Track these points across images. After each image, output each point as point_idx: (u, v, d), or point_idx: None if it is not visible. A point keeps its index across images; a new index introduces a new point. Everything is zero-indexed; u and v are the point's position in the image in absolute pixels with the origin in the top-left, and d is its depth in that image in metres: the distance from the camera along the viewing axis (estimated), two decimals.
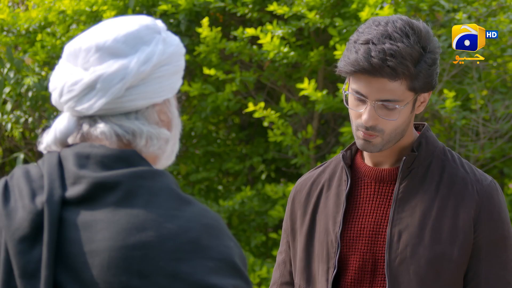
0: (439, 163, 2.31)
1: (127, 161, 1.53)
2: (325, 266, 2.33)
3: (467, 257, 2.25)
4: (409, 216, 2.27)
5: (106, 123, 1.56)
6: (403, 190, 2.29)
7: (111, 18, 1.66)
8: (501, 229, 2.27)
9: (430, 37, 2.23)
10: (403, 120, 2.24)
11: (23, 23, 5.91)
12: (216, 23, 5.74)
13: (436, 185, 2.28)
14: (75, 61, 1.58)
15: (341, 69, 2.23)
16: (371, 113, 2.21)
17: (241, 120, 6.17)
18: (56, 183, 1.51)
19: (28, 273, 1.47)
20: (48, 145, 1.60)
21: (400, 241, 2.26)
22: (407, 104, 2.22)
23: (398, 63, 2.16)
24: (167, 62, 1.59)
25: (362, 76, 2.20)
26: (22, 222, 1.49)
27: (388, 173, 2.32)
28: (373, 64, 2.16)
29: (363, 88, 2.20)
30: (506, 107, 5.51)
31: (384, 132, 2.24)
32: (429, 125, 2.37)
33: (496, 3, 5.40)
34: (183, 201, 1.51)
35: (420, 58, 2.19)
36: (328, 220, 2.35)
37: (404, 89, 2.20)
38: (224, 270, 1.48)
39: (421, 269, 2.24)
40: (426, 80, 2.21)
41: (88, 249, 1.46)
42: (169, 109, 1.62)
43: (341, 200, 2.35)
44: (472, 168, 2.32)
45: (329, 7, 5.25)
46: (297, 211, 2.43)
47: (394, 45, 2.16)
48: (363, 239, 2.31)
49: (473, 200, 2.26)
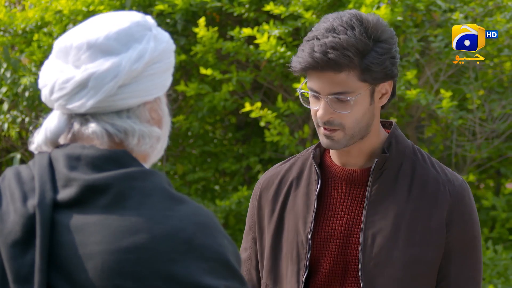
0: (410, 163, 2.29)
1: (118, 161, 1.52)
2: (295, 267, 2.31)
3: (440, 258, 2.25)
4: (382, 219, 2.25)
5: (98, 122, 1.55)
6: (375, 192, 2.27)
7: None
8: (472, 230, 2.27)
9: (381, 28, 2.22)
10: (362, 112, 2.23)
11: (20, 23, 5.91)
12: (213, 23, 5.74)
13: (408, 186, 2.27)
14: (66, 58, 1.56)
15: (292, 68, 2.26)
16: (325, 108, 2.21)
17: (237, 120, 6.17)
18: (47, 186, 1.50)
19: (22, 278, 1.46)
20: (39, 145, 1.58)
21: (374, 245, 2.24)
22: (359, 95, 2.20)
23: (339, 54, 2.17)
24: (159, 59, 1.58)
25: (312, 72, 2.21)
26: (14, 226, 1.48)
27: (359, 174, 2.30)
28: (315, 59, 2.18)
29: (315, 84, 2.22)
30: (503, 107, 5.51)
31: (345, 126, 2.22)
32: (396, 123, 2.36)
33: (493, 3, 5.40)
34: (175, 201, 1.50)
35: (368, 48, 2.19)
36: (298, 220, 2.32)
37: (354, 80, 2.20)
38: (218, 270, 1.48)
39: (396, 272, 2.22)
40: (379, 69, 2.20)
41: (81, 253, 1.45)
42: (160, 107, 1.61)
43: (311, 200, 2.32)
44: (442, 167, 2.31)
45: (325, 7, 5.25)
46: (265, 208, 2.40)
47: (336, 38, 2.18)
48: (334, 241, 2.28)
49: (446, 201, 2.25)
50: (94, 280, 1.44)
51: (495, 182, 6.26)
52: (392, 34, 2.24)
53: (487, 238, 5.78)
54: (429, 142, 5.96)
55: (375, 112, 2.27)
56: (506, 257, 5.31)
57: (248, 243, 2.45)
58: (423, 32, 5.32)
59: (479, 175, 6.08)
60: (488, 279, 5.25)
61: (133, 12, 1.62)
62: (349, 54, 2.17)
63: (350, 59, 2.17)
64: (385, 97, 2.27)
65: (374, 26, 2.21)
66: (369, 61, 2.19)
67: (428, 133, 6.00)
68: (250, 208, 2.44)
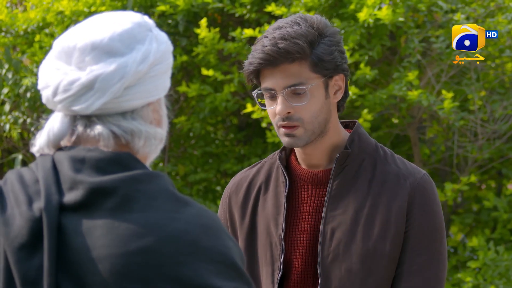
0: (371, 160, 2.32)
1: (122, 164, 1.52)
2: (269, 268, 2.33)
3: (399, 251, 2.26)
4: (341, 214, 2.28)
5: (104, 123, 1.54)
6: (336, 187, 2.29)
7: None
8: (432, 222, 2.28)
9: (325, 24, 2.29)
10: (319, 106, 2.26)
11: (21, 23, 5.92)
12: (214, 23, 5.74)
13: (369, 182, 2.29)
14: (69, 60, 1.55)
15: (245, 73, 2.29)
16: (283, 102, 2.25)
17: (239, 121, 6.17)
18: (52, 189, 1.49)
19: (30, 282, 1.46)
20: (41, 148, 1.57)
21: (333, 239, 2.27)
22: (313, 84, 2.24)
23: (289, 43, 2.22)
24: (161, 60, 1.58)
25: (265, 70, 2.26)
26: (21, 229, 1.47)
27: (323, 174, 2.33)
28: (267, 52, 2.23)
29: (269, 82, 2.26)
30: (504, 107, 5.51)
31: (304, 120, 2.25)
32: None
33: (494, 3, 5.40)
34: (180, 203, 1.50)
35: (317, 40, 2.25)
36: (269, 222, 2.35)
37: (307, 71, 2.25)
38: (225, 272, 1.48)
39: (353, 266, 2.25)
40: (329, 59, 2.25)
41: (89, 256, 1.45)
42: (161, 107, 1.62)
43: (280, 202, 2.35)
44: (404, 162, 2.34)
45: (327, 8, 5.25)
46: (235, 212, 2.42)
47: (284, 30, 2.24)
48: (303, 241, 2.31)
49: (406, 193, 2.27)
50: (103, 283, 1.44)
51: (497, 183, 6.26)
52: (337, 31, 2.31)
53: (489, 239, 5.78)
54: (430, 143, 5.96)
55: (331, 108, 2.31)
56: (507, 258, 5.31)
57: None
58: (424, 33, 5.32)
59: (481, 176, 6.07)
60: (489, 280, 5.25)
61: (132, 12, 1.62)
62: (299, 42, 2.22)
63: (300, 46, 2.22)
64: (339, 92, 2.31)
65: (318, 22, 2.28)
66: (319, 51, 2.25)
67: (430, 134, 5.99)
68: (221, 213, 2.47)
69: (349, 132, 2.37)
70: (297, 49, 2.22)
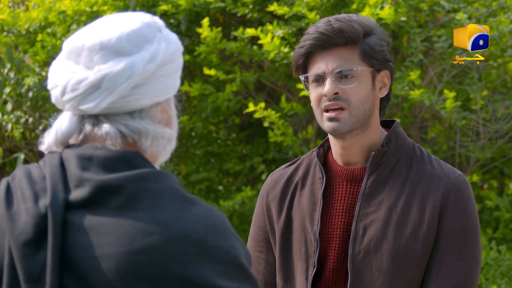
0: (407, 159, 2.32)
1: (129, 162, 1.52)
2: (304, 264, 2.33)
3: (430, 250, 2.26)
4: (374, 212, 2.28)
5: (111, 122, 1.55)
6: (370, 185, 2.30)
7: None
8: (465, 221, 2.27)
9: (376, 24, 2.33)
10: (366, 93, 2.28)
11: (24, 23, 5.92)
12: (217, 23, 5.74)
13: (403, 181, 2.29)
14: (77, 59, 1.56)
15: (295, 57, 2.31)
16: (331, 83, 2.26)
17: (241, 120, 6.17)
18: (59, 186, 1.50)
19: (33, 278, 1.46)
20: (49, 146, 1.58)
21: (364, 236, 2.27)
22: (363, 70, 2.27)
23: (344, 24, 2.26)
24: (170, 60, 1.59)
25: (315, 54, 2.28)
26: (26, 226, 1.48)
27: (359, 171, 2.33)
28: (320, 31, 2.26)
29: (320, 66, 2.28)
30: (506, 107, 5.51)
31: (351, 102, 2.26)
32: (398, 122, 2.39)
33: (496, 3, 5.40)
34: (187, 202, 1.50)
35: (368, 32, 2.29)
36: (304, 218, 2.35)
37: (356, 59, 2.27)
38: (231, 272, 1.48)
39: (383, 264, 2.25)
40: (379, 51, 2.29)
41: (94, 254, 1.45)
42: (170, 107, 1.62)
43: (316, 198, 2.35)
44: (440, 163, 2.34)
45: (329, 7, 5.25)
46: (272, 208, 2.43)
47: (338, 16, 2.29)
48: (336, 238, 2.31)
49: (440, 193, 2.27)
50: (107, 281, 1.44)
51: (499, 182, 6.26)
52: (386, 32, 2.34)
53: (491, 238, 5.78)
54: (432, 143, 5.96)
55: (375, 102, 2.31)
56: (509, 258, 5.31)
57: (261, 244, 2.46)
58: (426, 33, 5.32)
59: (483, 175, 6.08)
60: (491, 279, 5.25)
61: (142, 13, 1.62)
62: (354, 25, 2.26)
63: (355, 28, 2.26)
64: (384, 89, 2.33)
65: (370, 21, 2.32)
66: (370, 41, 2.28)
67: (432, 134, 6.00)
68: (258, 208, 2.47)
69: (387, 131, 2.38)
70: (352, 29, 2.25)
